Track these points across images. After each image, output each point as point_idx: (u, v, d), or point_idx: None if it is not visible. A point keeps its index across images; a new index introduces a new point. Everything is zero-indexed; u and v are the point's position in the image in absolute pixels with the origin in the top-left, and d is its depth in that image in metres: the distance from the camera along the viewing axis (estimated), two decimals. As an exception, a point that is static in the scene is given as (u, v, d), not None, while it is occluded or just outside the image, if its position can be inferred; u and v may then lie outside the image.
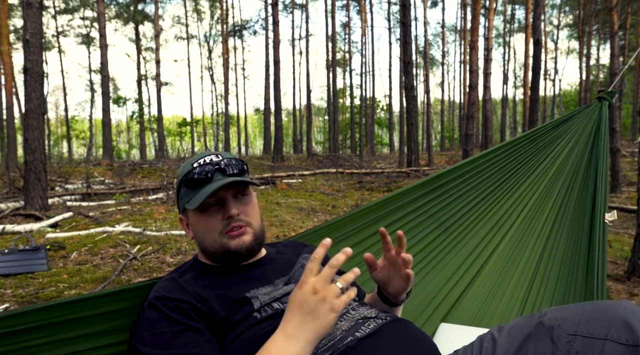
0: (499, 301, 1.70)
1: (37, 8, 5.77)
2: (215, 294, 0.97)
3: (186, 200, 1.07)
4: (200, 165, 1.06)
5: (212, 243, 1.05)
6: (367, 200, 7.34)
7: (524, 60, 20.79)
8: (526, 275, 1.75)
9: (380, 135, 34.82)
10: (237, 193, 1.07)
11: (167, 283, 1.01)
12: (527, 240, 1.84)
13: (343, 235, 1.53)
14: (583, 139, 2.01)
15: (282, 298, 0.99)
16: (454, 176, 1.79)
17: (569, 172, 1.96)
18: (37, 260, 3.47)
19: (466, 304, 1.69)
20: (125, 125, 40.10)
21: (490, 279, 1.75)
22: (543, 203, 1.92)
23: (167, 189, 7.51)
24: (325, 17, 23.78)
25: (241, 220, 1.05)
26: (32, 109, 5.74)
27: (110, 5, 24.91)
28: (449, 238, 1.75)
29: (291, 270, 1.09)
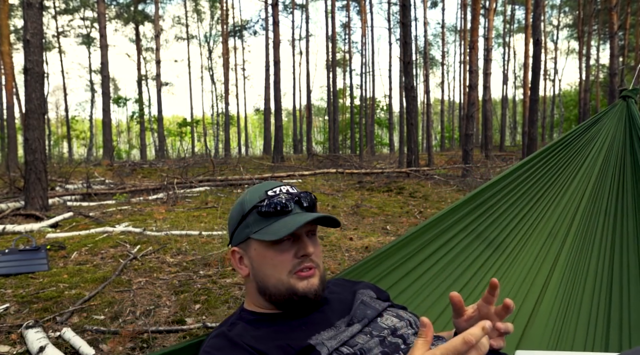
0: (577, 320, 1.55)
1: (37, 8, 5.77)
2: (274, 345, 0.87)
3: (255, 230, 0.96)
4: (277, 195, 0.97)
5: (277, 282, 0.94)
6: (367, 200, 7.35)
7: (523, 60, 20.79)
8: (600, 288, 1.60)
9: (380, 135, 34.83)
10: (310, 231, 0.99)
11: (217, 340, 0.91)
12: (589, 248, 1.70)
13: (390, 267, 1.47)
14: (619, 138, 1.94)
15: (350, 341, 0.90)
16: (494, 191, 1.73)
17: (614, 172, 1.88)
18: (37, 260, 3.48)
19: (538, 326, 1.55)
20: (125, 126, 40.12)
21: (559, 295, 1.60)
22: (595, 207, 1.81)
23: (168, 189, 7.52)
24: (325, 18, 23.79)
25: (313, 261, 0.96)
26: (33, 109, 5.75)
27: (111, 5, 24.92)
28: (501, 257, 1.64)
29: (350, 309, 1.00)
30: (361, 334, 0.92)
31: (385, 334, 0.92)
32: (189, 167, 11.73)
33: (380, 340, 0.90)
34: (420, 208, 6.67)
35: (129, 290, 3.04)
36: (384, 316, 0.99)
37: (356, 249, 4.16)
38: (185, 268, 3.55)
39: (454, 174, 11.34)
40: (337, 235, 4.74)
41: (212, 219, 5.70)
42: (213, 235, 4.69)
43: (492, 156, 15.66)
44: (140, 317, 2.61)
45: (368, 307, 1.00)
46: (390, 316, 0.99)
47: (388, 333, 0.93)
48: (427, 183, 9.40)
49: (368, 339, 0.90)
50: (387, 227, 5.37)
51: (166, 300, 2.88)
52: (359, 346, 0.88)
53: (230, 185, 8.98)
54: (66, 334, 2.30)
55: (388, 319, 0.98)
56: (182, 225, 5.17)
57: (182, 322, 2.54)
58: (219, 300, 2.85)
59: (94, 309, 2.71)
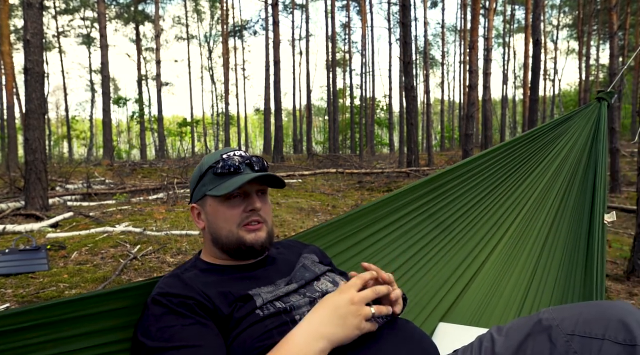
0: (497, 301, 1.71)
1: (37, 8, 5.78)
2: (218, 292, 0.98)
3: (210, 188, 1.07)
4: (230, 157, 1.09)
5: (228, 233, 1.06)
6: (367, 200, 7.35)
7: (523, 60, 20.80)
8: (524, 276, 1.76)
9: (380, 135, 34.82)
10: (259, 190, 1.10)
11: (171, 280, 1.01)
12: (526, 241, 1.85)
13: (342, 235, 1.54)
14: (582, 139, 2.01)
15: (284, 297, 1.00)
16: (453, 176, 1.80)
17: (567, 172, 1.96)
18: (37, 260, 3.48)
19: (465, 303, 1.69)
20: (125, 126, 40.12)
21: (488, 279, 1.76)
22: (541, 203, 1.92)
23: (168, 189, 7.52)
24: (325, 18, 23.79)
25: (260, 216, 1.08)
26: (33, 109, 5.75)
27: (111, 5, 24.92)
28: (447, 238, 1.76)
29: (292, 270, 1.10)
30: (296, 293, 1.02)
31: (317, 296, 1.02)
32: (189, 167, 11.73)
33: (310, 300, 1.00)
34: (420, 208, 6.67)
35: (129, 290, 3.04)
36: (320, 280, 1.09)
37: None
38: (185, 268, 3.55)
39: (454, 174, 11.32)
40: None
41: (212, 218, 5.69)
42: (213, 235, 4.69)
43: (492, 156, 15.63)
44: (140, 317, 2.61)
45: (307, 270, 1.10)
46: (326, 281, 1.09)
47: (319, 295, 1.02)
48: (427, 183, 9.38)
49: (300, 298, 1.00)
50: (387, 227, 5.36)
51: (166, 300, 2.88)
52: (290, 303, 0.98)
53: (230, 185, 8.96)
54: (66, 334, 2.29)
55: (323, 283, 1.08)
56: (182, 225, 5.17)
57: (182, 322, 2.54)
58: (218, 300, 2.85)
59: (94, 308, 2.71)
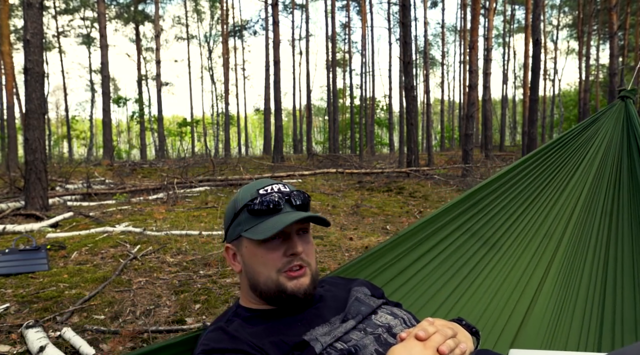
0: (570, 320, 1.55)
1: (37, 8, 5.78)
2: (270, 342, 0.88)
3: (246, 228, 0.97)
4: (268, 193, 0.98)
5: (266, 280, 0.96)
6: (367, 200, 7.36)
7: (523, 60, 20.81)
8: (593, 288, 1.60)
9: (380, 135, 34.82)
10: (300, 230, 0.99)
11: (215, 334, 0.92)
12: (584, 249, 1.70)
13: (385, 265, 1.48)
14: (616, 138, 1.92)
15: (344, 337, 0.91)
16: (490, 190, 1.73)
17: (611, 172, 1.87)
18: (37, 260, 3.49)
19: (533, 326, 1.55)
20: (125, 126, 40.12)
21: (554, 296, 1.61)
22: (591, 207, 1.81)
23: (168, 189, 7.52)
24: (325, 18, 23.78)
25: (302, 259, 0.97)
26: (33, 109, 5.75)
27: (111, 5, 24.92)
28: (497, 255, 1.64)
29: (345, 306, 1.01)
30: (355, 330, 0.93)
31: (380, 332, 0.93)
32: (189, 167, 11.73)
33: (375, 337, 0.91)
34: (420, 208, 6.68)
35: (129, 290, 3.04)
36: (378, 313, 1.00)
37: (356, 249, 4.17)
38: (185, 268, 3.55)
39: (454, 173, 11.35)
40: (337, 235, 4.75)
41: (212, 219, 5.70)
42: (213, 235, 4.69)
43: (492, 156, 15.66)
44: (140, 317, 2.62)
45: (362, 304, 1.01)
46: (385, 314, 1.00)
47: (383, 330, 0.93)
48: (427, 183, 9.40)
49: (362, 336, 0.91)
50: (387, 227, 5.37)
51: (166, 300, 2.88)
52: (353, 342, 0.89)
53: (230, 185, 8.98)
54: (66, 334, 2.30)
55: (382, 316, 0.99)
56: (182, 225, 5.17)
57: (182, 322, 2.55)
58: (219, 300, 2.85)
59: (94, 308, 2.71)
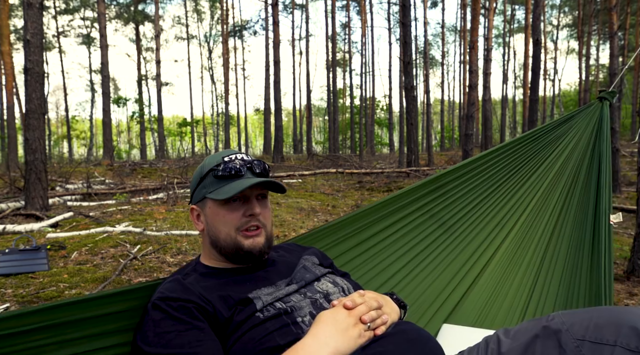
0: (502, 302, 1.70)
1: (37, 8, 5.77)
2: (218, 295, 0.98)
3: (210, 190, 1.07)
4: (232, 160, 1.08)
5: (226, 237, 1.06)
6: (367, 200, 7.35)
7: (523, 60, 20.81)
8: (529, 277, 1.75)
9: (380, 135, 34.82)
10: (259, 195, 1.10)
11: (171, 284, 1.01)
12: (529, 241, 1.83)
13: (343, 237, 1.53)
14: (585, 138, 1.99)
15: (284, 298, 1.00)
16: (455, 176, 1.78)
17: (570, 172, 1.94)
18: (37, 260, 3.48)
19: (468, 304, 1.68)
20: (125, 126, 40.11)
21: (492, 280, 1.74)
22: (544, 204, 1.90)
23: (168, 189, 7.51)
24: (325, 18, 23.78)
25: (259, 221, 1.08)
26: (33, 109, 5.74)
27: (111, 5, 24.91)
28: (450, 238, 1.74)
29: (292, 272, 1.10)
30: (296, 293, 1.02)
31: (318, 297, 1.03)
32: (189, 167, 11.72)
33: (312, 301, 1.01)
34: (420, 208, 6.66)
35: (129, 290, 3.03)
36: (320, 281, 1.09)
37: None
38: (186, 268, 3.54)
39: (454, 174, 11.32)
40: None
41: (213, 219, 5.69)
42: (213, 235, 4.68)
43: (492, 156, 15.63)
44: (140, 318, 2.61)
45: (308, 271, 1.10)
46: (327, 282, 1.09)
47: (321, 296, 1.03)
48: (427, 183, 9.38)
49: (301, 299, 1.01)
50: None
51: (167, 301, 2.88)
52: (291, 303, 0.99)
53: (230, 185, 8.96)
54: (67, 335, 2.29)
55: (324, 284, 1.08)
56: (182, 225, 5.16)
57: (182, 323, 2.54)
58: (219, 301, 2.84)
59: (94, 309, 2.70)
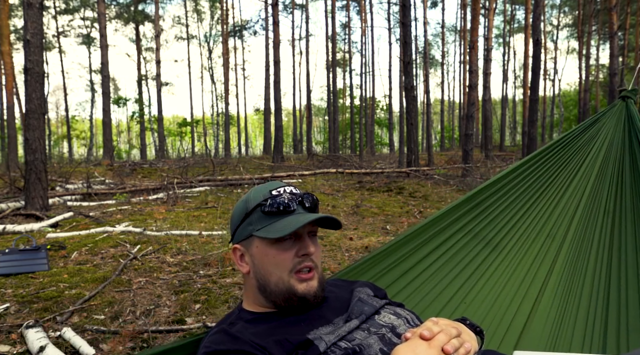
0: (574, 322, 1.55)
1: (37, 8, 5.78)
2: (273, 340, 0.88)
3: (258, 227, 0.98)
4: (280, 194, 0.99)
5: (278, 281, 0.96)
6: (367, 200, 7.36)
7: (523, 60, 20.81)
8: (598, 291, 1.60)
9: (380, 135, 34.82)
10: (310, 232, 1.00)
11: (217, 336, 0.92)
12: (587, 249, 1.70)
13: (387, 267, 1.48)
14: (617, 138, 1.92)
15: (347, 336, 0.91)
16: (491, 192, 1.73)
17: (613, 172, 1.87)
18: (37, 260, 3.49)
19: (537, 327, 1.54)
20: (125, 126, 40.13)
21: (557, 297, 1.60)
22: (594, 208, 1.80)
23: (168, 189, 7.52)
24: (325, 18, 23.79)
25: (313, 261, 0.98)
26: (33, 109, 5.75)
27: (111, 5, 24.91)
28: (499, 257, 1.64)
29: (347, 307, 1.01)
30: (359, 330, 0.93)
31: (384, 331, 0.93)
32: (189, 167, 11.73)
33: (379, 337, 0.91)
34: (420, 208, 6.68)
35: (129, 290, 3.04)
36: (381, 313, 1.00)
37: (356, 249, 4.17)
38: (185, 268, 3.55)
39: (454, 173, 11.35)
40: (337, 235, 4.74)
41: (212, 218, 5.70)
42: (213, 235, 4.69)
43: (492, 156, 15.66)
44: (140, 317, 2.62)
45: (365, 304, 1.01)
46: (388, 313, 1.00)
47: (387, 330, 0.94)
48: (427, 183, 9.40)
49: (366, 335, 0.91)
50: (387, 227, 5.37)
51: (166, 300, 2.88)
52: (357, 341, 0.89)
53: (230, 185, 8.98)
54: (66, 334, 2.30)
55: (386, 316, 0.99)
56: (182, 225, 5.17)
57: (182, 322, 2.55)
58: (219, 300, 2.85)
59: (94, 308, 2.71)
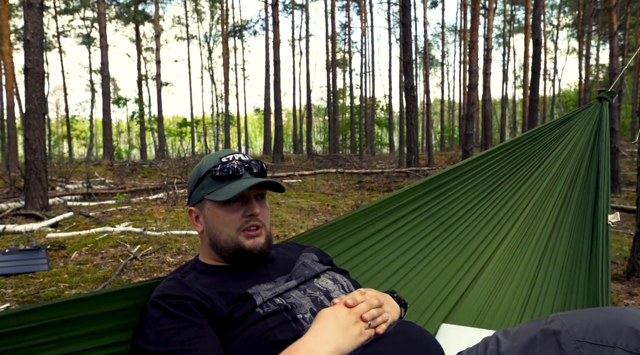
0: (500, 303, 1.70)
1: (37, 8, 5.77)
2: (217, 292, 0.98)
3: (209, 191, 1.07)
4: (230, 161, 1.08)
5: (227, 238, 1.06)
6: (367, 200, 7.35)
7: (523, 60, 20.81)
8: (527, 277, 1.75)
9: (380, 135, 34.82)
10: (258, 195, 1.10)
11: (170, 282, 1.01)
12: (528, 242, 1.83)
13: (342, 236, 1.53)
14: (584, 139, 1.99)
15: (284, 294, 1.00)
16: (454, 176, 1.78)
17: (570, 172, 1.94)
18: (37, 260, 3.48)
19: (467, 305, 1.68)
20: (125, 126, 40.12)
21: (491, 280, 1.74)
22: (544, 204, 1.90)
23: (168, 189, 7.51)
24: (325, 18, 23.79)
25: (259, 221, 1.08)
26: (33, 109, 5.75)
27: (111, 5, 24.91)
28: (449, 238, 1.75)
29: (292, 268, 1.10)
30: (296, 290, 1.02)
31: (318, 294, 1.02)
32: (189, 167, 11.72)
33: (312, 298, 1.00)
34: (420, 208, 6.66)
35: (129, 290, 3.03)
36: (320, 278, 1.09)
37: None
38: (186, 268, 3.55)
39: (454, 174, 11.32)
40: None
41: (212, 219, 5.69)
42: (213, 235, 4.68)
43: (492, 156, 15.63)
44: (140, 317, 2.61)
45: (307, 268, 1.11)
46: (327, 279, 1.09)
47: (321, 293, 1.03)
48: (427, 183, 9.38)
49: (301, 295, 1.00)
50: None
51: (166, 300, 2.88)
52: (291, 300, 0.98)
53: (230, 185, 8.96)
54: (66, 334, 2.29)
55: (324, 281, 1.08)
56: (182, 225, 5.17)
57: (182, 322, 2.54)
58: (219, 300, 2.84)
59: (94, 309, 2.71)
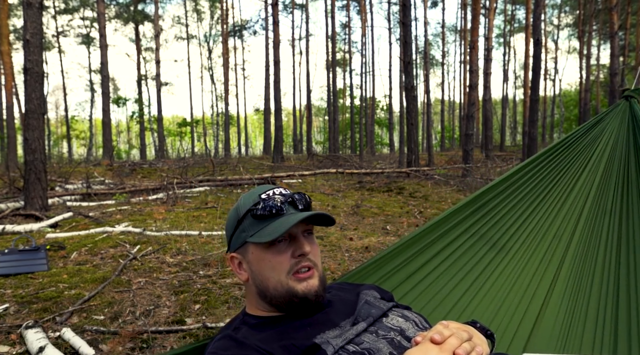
0: (584, 322, 1.53)
1: (37, 8, 5.77)
2: (279, 346, 0.85)
3: (251, 233, 0.96)
4: (270, 197, 0.97)
5: (276, 284, 0.94)
6: (367, 200, 7.34)
7: (524, 60, 20.81)
8: (606, 289, 1.58)
9: (380, 135, 34.82)
10: (305, 231, 0.98)
11: (222, 342, 0.90)
12: (595, 249, 1.68)
13: (392, 270, 1.47)
14: (622, 138, 1.92)
15: (355, 339, 0.89)
16: (496, 193, 1.72)
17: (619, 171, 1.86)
18: (37, 260, 3.48)
19: (545, 329, 1.53)
20: (125, 126, 40.11)
21: (565, 298, 1.58)
22: (600, 206, 1.79)
23: (167, 189, 7.51)
24: (325, 17, 23.78)
25: (310, 260, 0.96)
26: (32, 109, 5.74)
27: (110, 5, 24.90)
28: (506, 259, 1.63)
29: (354, 310, 0.98)
30: (367, 333, 0.91)
31: (393, 335, 0.91)
32: (188, 167, 11.72)
33: (388, 340, 0.89)
34: (420, 208, 6.67)
35: (128, 290, 3.03)
36: (389, 316, 0.98)
37: (356, 249, 4.16)
38: (185, 268, 3.54)
39: (454, 174, 11.34)
40: (337, 235, 4.73)
41: (212, 219, 5.69)
42: (213, 235, 4.68)
43: (492, 156, 15.65)
44: (140, 317, 2.61)
45: (372, 306, 0.99)
46: (396, 316, 0.98)
47: (396, 334, 0.92)
48: (427, 183, 9.39)
49: (375, 339, 0.89)
50: (387, 227, 5.36)
51: (166, 301, 2.87)
52: (365, 345, 0.87)
53: (230, 185, 8.97)
54: (66, 334, 2.29)
55: (394, 319, 0.97)
56: (182, 225, 5.16)
57: (182, 322, 2.54)
58: (218, 301, 2.84)
59: (93, 309, 2.70)
